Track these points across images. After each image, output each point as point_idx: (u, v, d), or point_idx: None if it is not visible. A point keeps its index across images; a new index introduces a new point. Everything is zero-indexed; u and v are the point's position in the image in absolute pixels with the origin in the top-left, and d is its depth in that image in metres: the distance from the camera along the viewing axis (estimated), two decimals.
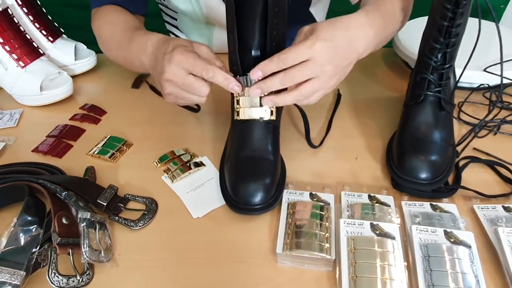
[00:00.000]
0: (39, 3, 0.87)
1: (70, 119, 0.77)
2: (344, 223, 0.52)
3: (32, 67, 0.79)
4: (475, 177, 0.61)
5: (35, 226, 0.50)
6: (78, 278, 0.48)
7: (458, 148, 0.65)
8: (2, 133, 0.74)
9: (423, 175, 0.57)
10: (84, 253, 0.49)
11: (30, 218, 0.51)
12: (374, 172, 0.63)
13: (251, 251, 0.52)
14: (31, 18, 0.84)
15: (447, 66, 0.60)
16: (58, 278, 0.47)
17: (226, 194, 0.57)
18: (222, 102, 0.77)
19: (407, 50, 0.83)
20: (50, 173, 0.62)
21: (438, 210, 0.55)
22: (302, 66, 0.51)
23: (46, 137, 0.72)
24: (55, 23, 0.89)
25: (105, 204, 0.56)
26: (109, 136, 0.71)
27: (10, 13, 0.78)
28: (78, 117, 0.77)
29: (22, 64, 0.78)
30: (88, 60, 0.90)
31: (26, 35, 0.80)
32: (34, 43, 0.81)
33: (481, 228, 0.53)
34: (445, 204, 0.56)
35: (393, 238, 0.50)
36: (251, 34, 0.55)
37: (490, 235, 0.52)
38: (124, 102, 0.82)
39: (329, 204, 0.56)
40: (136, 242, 0.54)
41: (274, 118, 0.60)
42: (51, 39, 0.86)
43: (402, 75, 0.87)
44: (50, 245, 0.50)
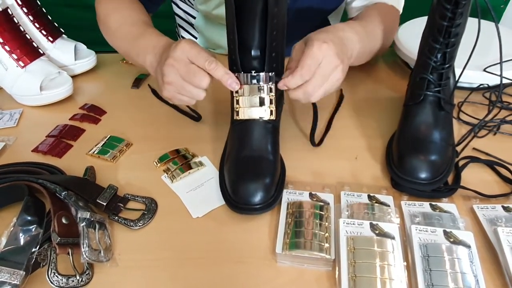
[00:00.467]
0: (39, 3, 0.87)
1: (70, 119, 0.77)
2: (343, 223, 0.52)
3: (32, 67, 0.79)
4: (475, 177, 0.61)
5: (35, 225, 0.50)
6: (78, 278, 0.48)
7: (458, 148, 0.65)
8: (2, 133, 0.74)
9: (423, 175, 0.57)
10: (83, 252, 0.49)
11: (29, 218, 0.51)
12: (373, 172, 0.63)
13: (251, 251, 0.52)
14: (31, 18, 0.84)
15: (447, 66, 0.60)
16: (57, 277, 0.47)
17: (226, 193, 0.57)
18: (222, 103, 0.77)
19: (407, 50, 0.83)
20: (50, 173, 0.62)
21: (437, 210, 0.55)
22: (318, 73, 0.55)
23: (46, 137, 0.72)
24: (55, 23, 0.89)
25: (104, 204, 0.56)
26: (109, 136, 0.71)
27: (10, 13, 0.78)
28: (78, 117, 0.77)
29: (22, 64, 0.78)
30: (88, 60, 0.90)
31: (26, 35, 0.80)
32: (34, 43, 0.81)
33: (480, 228, 0.53)
34: (444, 204, 0.56)
35: (392, 238, 0.50)
36: (251, 34, 0.55)
37: (489, 235, 0.52)
38: (124, 102, 0.82)
39: (328, 204, 0.56)
40: (135, 242, 0.54)
41: (274, 118, 0.60)
42: (51, 39, 0.86)
43: (402, 75, 0.87)
44: (50, 244, 0.50)
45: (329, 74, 0.56)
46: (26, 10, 0.83)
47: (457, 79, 0.63)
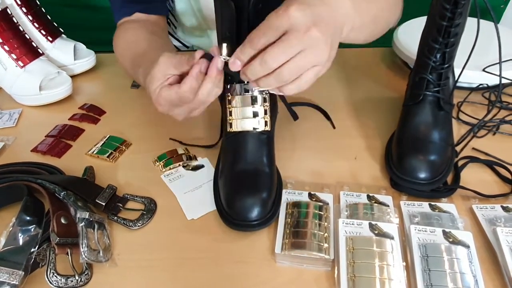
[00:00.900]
0: (38, 3, 0.87)
1: (69, 119, 0.77)
2: (343, 223, 0.52)
3: (31, 67, 0.79)
4: (474, 177, 0.61)
5: (34, 226, 0.50)
6: (77, 278, 0.48)
7: (457, 148, 0.65)
8: (1, 133, 0.74)
9: (422, 175, 0.57)
10: (82, 253, 0.48)
11: (28, 218, 0.51)
12: (373, 172, 0.63)
13: (250, 251, 0.52)
14: (30, 18, 0.84)
15: (446, 66, 0.60)
16: (56, 278, 0.47)
17: (221, 209, 0.55)
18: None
19: (406, 50, 0.83)
20: (49, 173, 0.62)
21: (436, 210, 0.55)
22: (281, 40, 0.41)
23: (45, 137, 0.72)
24: (54, 23, 0.89)
25: (104, 204, 0.56)
26: (108, 136, 0.71)
27: (9, 12, 0.78)
28: (77, 117, 0.77)
29: (21, 64, 0.78)
30: (87, 60, 0.90)
31: (25, 35, 0.80)
32: (33, 43, 0.81)
33: (479, 228, 0.53)
34: (444, 204, 0.56)
35: (391, 238, 0.50)
36: (242, 40, 0.49)
37: (488, 235, 0.52)
38: (123, 102, 0.82)
39: (328, 204, 0.56)
40: (135, 242, 0.54)
41: (269, 128, 0.58)
42: (50, 39, 0.86)
43: (401, 75, 0.87)
44: (49, 245, 0.50)
45: (284, 58, 0.41)
46: (25, 10, 0.83)
47: (456, 79, 0.63)
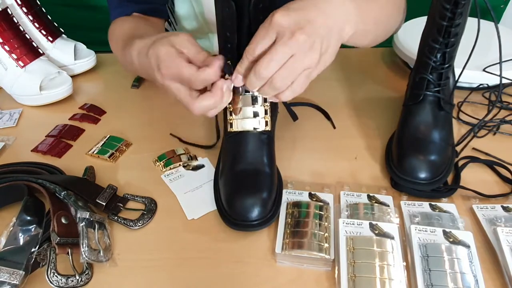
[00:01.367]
0: (39, 3, 0.87)
1: (69, 119, 0.77)
2: (343, 223, 0.52)
3: (31, 67, 0.79)
4: (474, 177, 0.61)
5: (34, 225, 0.51)
6: (77, 277, 0.48)
7: (458, 148, 0.65)
8: (1, 132, 0.74)
9: (422, 175, 0.57)
10: (83, 252, 0.49)
11: (29, 218, 0.51)
12: (373, 172, 0.63)
13: (250, 251, 0.52)
14: (31, 18, 0.84)
15: (446, 66, 0.60)
16: (57, 277, 0.47)
17: (221, 209, 0.55)
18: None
19: (407, 50, 0.83)
20: (49, 172, 0.62)
21: (437, 210, 0.55)
22: (270, 49, 0.43)
23: (45, 136, 0.72)
24: (55, 23, 0.89)
25: (104, 203, 0.56)
26: (108, 136, 0.71)
27: (10, 12, 0.78)
28: (78, 117, 0.77)
29: (22, 64, 0.78)
30: (87, 60, 0.90)
31: (26, 35, 0.80)
32: (33, 43, 0.81)
33: (480, 228, 0.53)
34: (444, 204, 0.56)
35: (392, 238, 0.50)
36: (243, 45, 0.49)
37: (489, 235, 0.52)
38: (123, 102, 0.82)
39: (328, 204, 0.56)
40: (135, 242, 0.54)
41: (269, 128, 0.57)
42: (51, 39, 0.86)
43: (401, 75, 0.87)
44: (49, 244, 0.50)
45: (276, 66, 0.43)
46: (25, 10, 0.83)
47: (456, 79, 0.63)
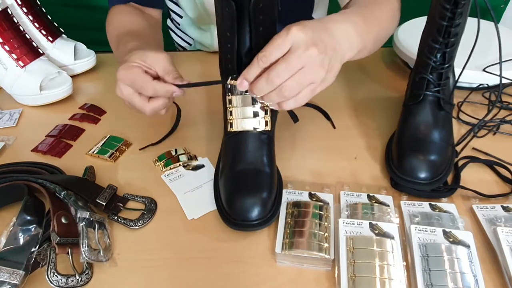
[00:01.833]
0: (39, 3, 0.87)
1: (69, 119, 0.77)
2: (343, 223, 0.52)
3: (31, 67, 0.79)
4: (474, 177, 0.61)
5: (34, 225, 0.51)
6: (77, 277, 0.48)
7: (458, 148, 0.65)
8: (1, 132, 0.74)
9: (422, 175, 0.57)
10: (83, 252, 0.49)
11: (29, 218, 0.51)
12: (373, 172, 0.63)
13: (250, 251, 0.52)
14: (31, 18, 0.84)
15: (446, 66, 0.60)
16: (57, 277, 0.47)
17: (221, 209, 0.55)
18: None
19: (407, 50, 0.83)
20: (49, 172, 0.62)
21: (437, 210, 0.55)
22: (284, 58, 0.46)
23: (45, 136, 0.72)
24: (55, 23, 0.89)
25: (104, 203, 0.56)
26: (108, 135, 0.71)
27: (10, 12, 0.78)
28: (78, 116, 0.77)
29: (22, 64, 0.78)
30: (87, 60, 0.90)
31: (26, 35, 0.80)
32: (33, 43, 0.81)
33: (480, 228, 0.53)
34: (444, 204, 0.56)
35: (392, 237, 0.50)
36: (242, 43, 0.52)
37: (489, 235, 0.52)
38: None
39: (328, 204, 0.56)
40: (135, 242, 0.54)
41: (269, 128, 0.57)
42: (51, 39, 0.86)
43: (401, 75, 0.87)
44: (49, 244, 0.50)
45: (287, 75, 0.46)
46: (25, 10, 0.83)
47: (456, 79, 0.63)
